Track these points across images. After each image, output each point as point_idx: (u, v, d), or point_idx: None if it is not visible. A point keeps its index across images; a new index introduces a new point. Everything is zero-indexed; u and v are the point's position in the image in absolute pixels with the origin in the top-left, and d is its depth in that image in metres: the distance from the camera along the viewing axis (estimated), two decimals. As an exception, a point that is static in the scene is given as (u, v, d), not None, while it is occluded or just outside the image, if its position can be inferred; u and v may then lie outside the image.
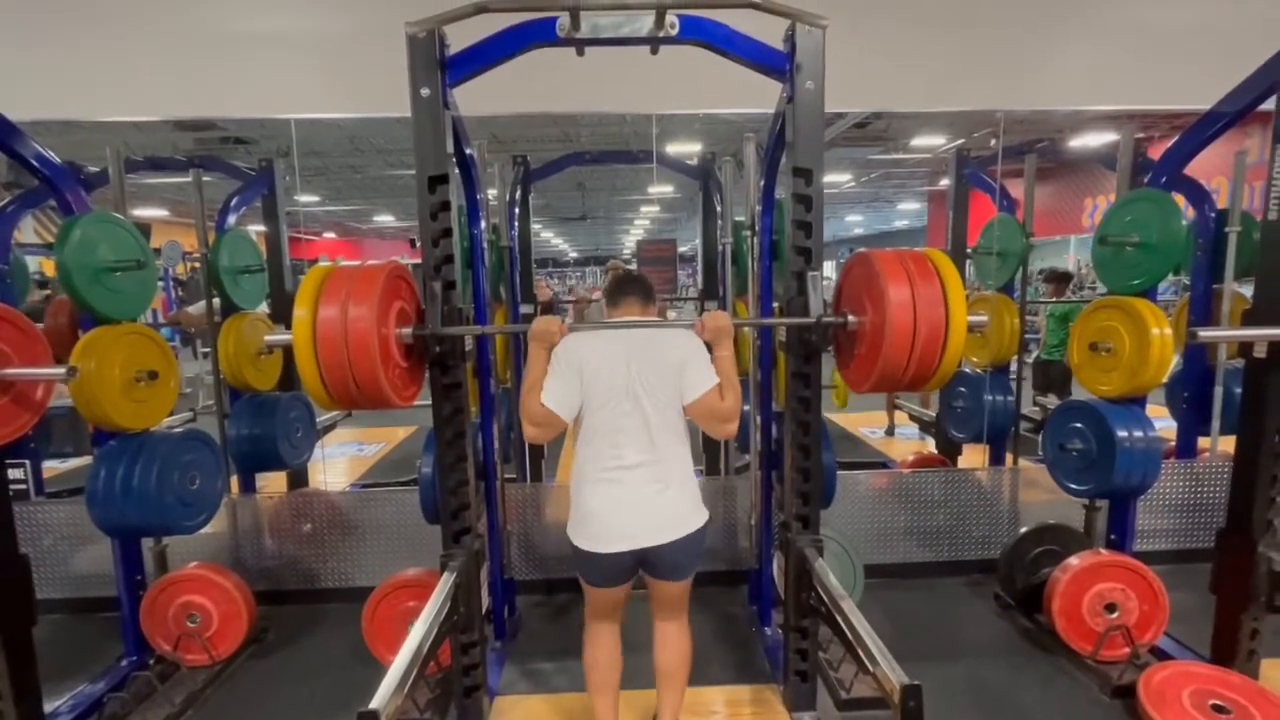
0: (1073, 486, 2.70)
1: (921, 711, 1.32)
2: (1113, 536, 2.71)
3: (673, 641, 1.99)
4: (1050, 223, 9.45)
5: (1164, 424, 3.13)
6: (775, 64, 2.01)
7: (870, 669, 1.52)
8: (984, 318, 2.19)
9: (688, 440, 1.90)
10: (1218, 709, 2.02)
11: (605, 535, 1.80)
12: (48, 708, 2.14)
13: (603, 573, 1.86)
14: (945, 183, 4.09)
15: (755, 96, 2.37)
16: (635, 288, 1.99)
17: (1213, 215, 3.23)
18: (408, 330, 1.93)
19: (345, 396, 1.85)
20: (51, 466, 4.03)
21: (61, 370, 1.99)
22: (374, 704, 1.30)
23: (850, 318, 1.98)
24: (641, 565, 1.86)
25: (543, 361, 1.85)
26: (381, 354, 1.81)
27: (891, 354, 1.82)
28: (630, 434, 1.80)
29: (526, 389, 1.83)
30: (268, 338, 2.06)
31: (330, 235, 12.74)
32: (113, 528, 2.40)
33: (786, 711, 2.27)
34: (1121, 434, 2.48)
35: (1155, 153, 2.75)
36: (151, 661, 2.51)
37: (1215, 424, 3.28)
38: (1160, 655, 2.43)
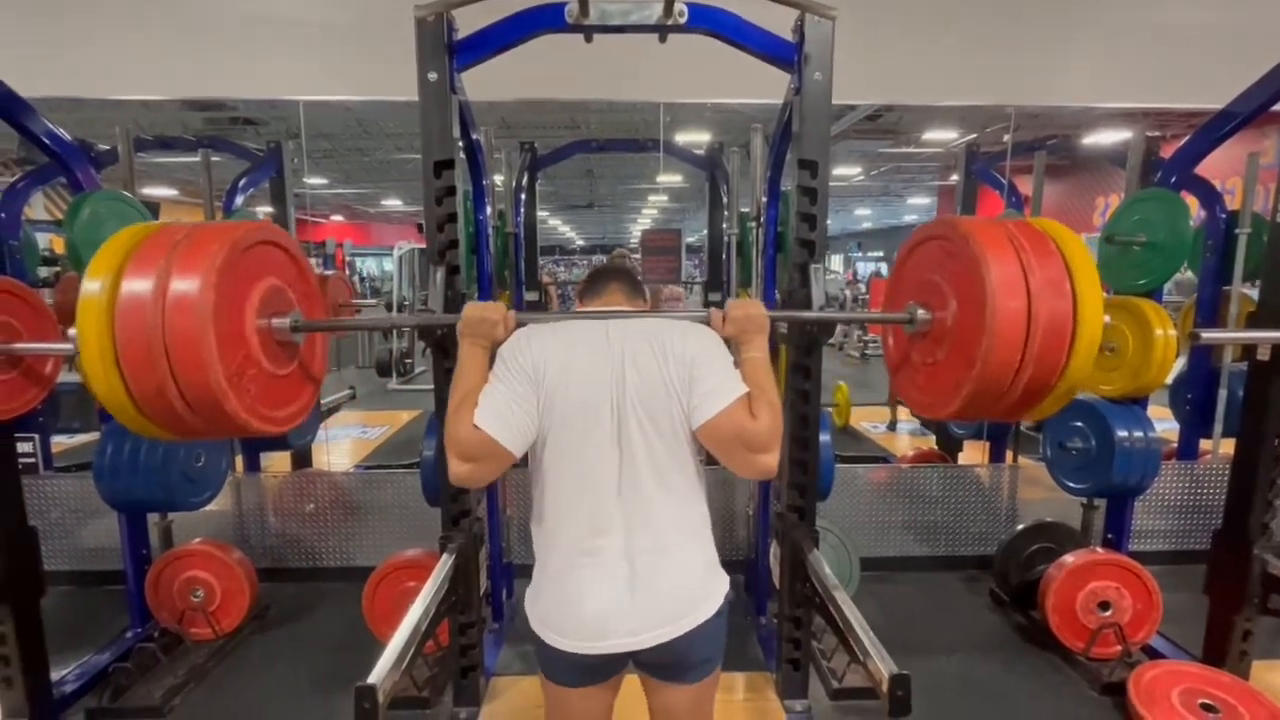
0: (1071, 485, 2.70)
1: (909, 701, 1.33)
2: (1109, 535, 2.71)
3: None
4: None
5: (1168, 425, 3.12)
6: (784, 54, 1.99)
7: (860, 659, 1.53)
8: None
9: (700, 479, 1.33)
10: (1206, 708, 2.03)
11: (577, 631, 1.25)
12: (55, 676, 2.19)
13: (576, 671, 1.31)
14: (955, 178, 4.06)
15: (766, 87, 2.35)
16: (617, 275, 1.48)
17: (1223, 216, 3.21)
18: (284, 320, 1.42)
19: (172, 422, 1.27)
20: (60, 441, 4.08)
21: (70, 345, 2.01)
22: (372, 679, 1.32)
23: (920, 312, 1.48)
24: (634, 662, 1.33)
25: (478, 366, 1.30)
26: (227, 357, 1.23)
27: (993, 359, 1.29)
28: (612, 477, 1.24)
29: (454, 407, 1.23)
30: (62, 341, 1.31)
31: (338, 218, 12.78)
32: (119, 503, 2.44)
33: (779, 699, 2.30)
34: (1121, 434, 2.48)
35: (1169, 151, 2.72)
36: (156, 634, 2.55)
37: (1217, 426, 3.28)
38: (1152, 654, 2.44)
